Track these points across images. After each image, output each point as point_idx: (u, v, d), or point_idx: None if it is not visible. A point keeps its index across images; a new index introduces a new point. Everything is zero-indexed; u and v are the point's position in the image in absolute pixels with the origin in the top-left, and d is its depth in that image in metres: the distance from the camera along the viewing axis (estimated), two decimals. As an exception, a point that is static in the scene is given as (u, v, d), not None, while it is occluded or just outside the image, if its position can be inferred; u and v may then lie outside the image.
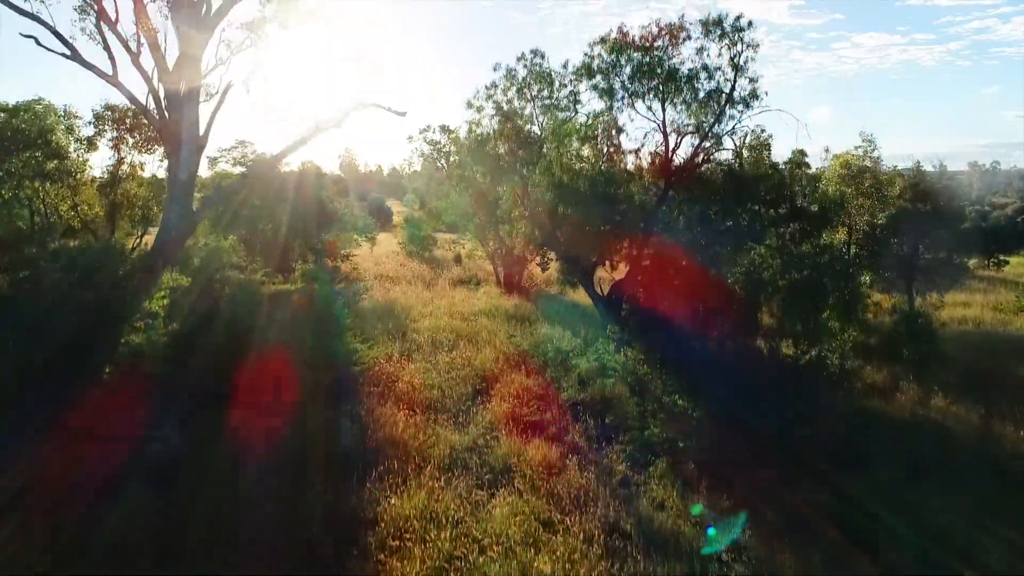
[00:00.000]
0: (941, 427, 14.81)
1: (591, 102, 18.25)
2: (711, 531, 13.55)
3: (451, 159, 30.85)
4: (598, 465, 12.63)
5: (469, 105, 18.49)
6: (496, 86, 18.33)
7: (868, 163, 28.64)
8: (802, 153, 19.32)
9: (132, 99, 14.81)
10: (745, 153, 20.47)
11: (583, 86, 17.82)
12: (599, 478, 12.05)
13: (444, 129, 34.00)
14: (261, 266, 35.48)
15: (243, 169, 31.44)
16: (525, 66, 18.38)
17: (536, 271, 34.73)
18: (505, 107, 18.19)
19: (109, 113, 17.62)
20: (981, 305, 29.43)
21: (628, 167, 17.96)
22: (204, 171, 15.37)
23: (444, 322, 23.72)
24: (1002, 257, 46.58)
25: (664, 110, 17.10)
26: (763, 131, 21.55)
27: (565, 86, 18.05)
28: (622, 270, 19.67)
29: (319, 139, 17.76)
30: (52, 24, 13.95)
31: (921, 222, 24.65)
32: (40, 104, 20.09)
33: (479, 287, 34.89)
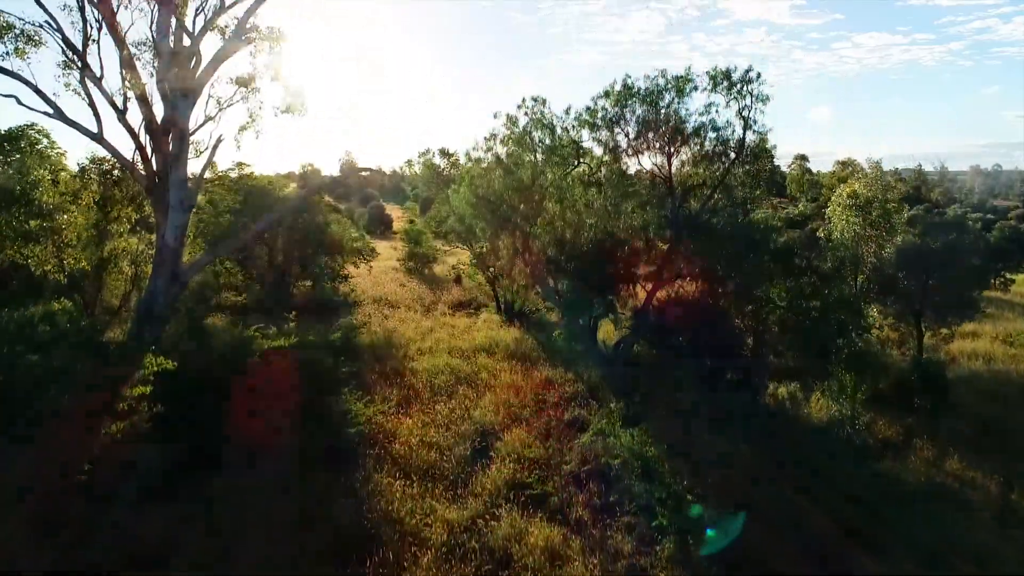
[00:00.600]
0: (958, 497, 14.28)
1: (595, 148, 17.72)
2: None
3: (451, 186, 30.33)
4: (603, 548, 12.12)
5: (468, 158, 17.92)
6: (495, 136, 17.78)
7: (877, 192, 28.10)
8: (810, 198, 18.58)
9: (119, 157, 14.29)
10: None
11: (586, 134, 17.25)
12: (603, 566, 11.55)
13: (443, 153, 33.46)
14: (256, 289, 35.04)
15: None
16: (526, 113, 17.85)
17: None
18: (505, 159, 17.62)
19: (95, 167, 17.05)
20: (991, 336, 28.89)
21: (634, 221, 17.40)
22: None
23: (443, 361, 23.18)
24: (1008, 276, 45.69)
25: (670, 165, 16.54)
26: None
27: (568, 131, 17.44)
28: (625, 325, 19.14)
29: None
30: (34, 82, 13.41)
31: (930, 259, 24.09)
32: (33, 129, 19.52)
33: (479, 312, 34.34)
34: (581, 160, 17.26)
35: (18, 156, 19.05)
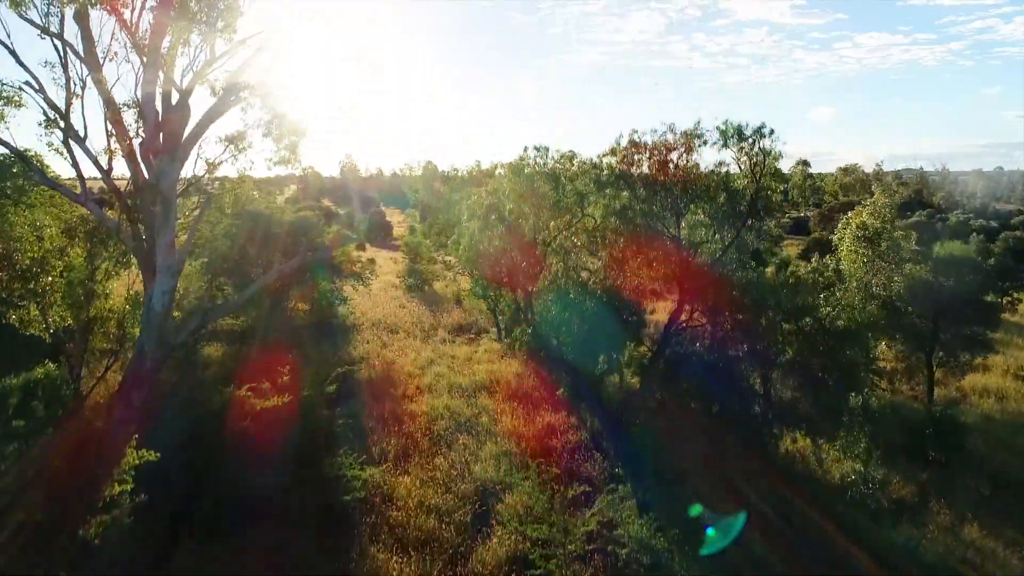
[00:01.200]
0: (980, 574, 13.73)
1: (599, 198, 17.06)
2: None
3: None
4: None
5: (473, 214, 17.26)
6: (496, 191, 17.12)
7: (887, 221, 27.43)
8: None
9: (104, 219, 13.69)
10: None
11: (589, 175, 16.58)
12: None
13: (445, 178, 32.87)
14: (253, 314, 34.36)
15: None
16: (528, 164, 17.15)
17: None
18: (507, 216, 17.01)
19: (81, 224, 16.44)
20: (1002, 369, 28.24)
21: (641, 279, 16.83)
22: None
23: (443, 403, 22.58)
24: (1015, 295, 44.64)
25: (679, 226, 15.94)
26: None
27: (572, 180, 16.81)
28: (630, 377, 18.60)
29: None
30: (14, 144, 12.82)
31: (940, 296, 23.47)
32: (28, 154, 18.95)
33: (479, 338, 33.73)
34: (585, 213, 16.68)
35: (10, 183, 18.52)
